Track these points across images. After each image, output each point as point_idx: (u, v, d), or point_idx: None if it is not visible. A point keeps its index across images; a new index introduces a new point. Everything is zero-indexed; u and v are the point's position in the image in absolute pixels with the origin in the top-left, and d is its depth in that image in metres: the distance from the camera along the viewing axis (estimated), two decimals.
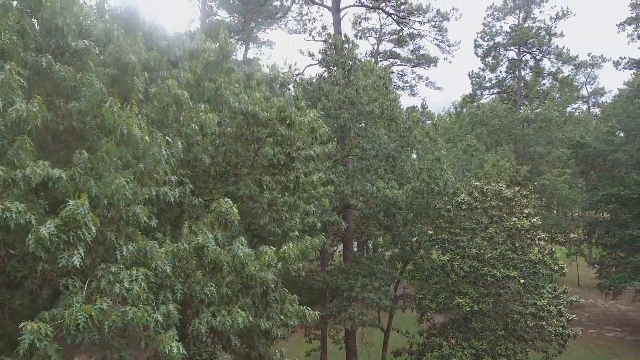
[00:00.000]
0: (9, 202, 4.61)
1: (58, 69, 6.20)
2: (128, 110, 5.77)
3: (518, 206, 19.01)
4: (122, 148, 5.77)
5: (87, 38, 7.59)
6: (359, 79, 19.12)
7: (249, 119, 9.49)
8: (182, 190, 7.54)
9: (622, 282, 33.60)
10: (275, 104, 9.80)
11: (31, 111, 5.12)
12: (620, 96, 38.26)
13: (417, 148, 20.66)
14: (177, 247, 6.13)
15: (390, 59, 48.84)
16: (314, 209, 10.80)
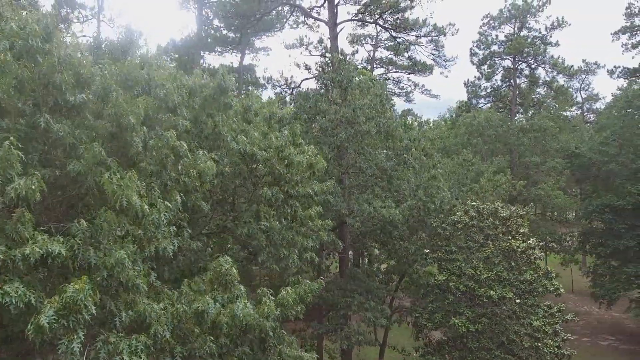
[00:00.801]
0: (9, 286, 4.58)
1: (56, 130, 6.15)
2: (127, 180, 5.73)
3: (514, 225, 19.11)
4: (121, 218, 5.75)
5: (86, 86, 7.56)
6: (356, 98, 19.12)
7: (247, 158, 9.47)
8: (181, 241, 7.51)
9: (616, 292, 33.86)
10: (274, 143, 9.78)
11: (30, 188, 5.09)
12: (614, 106, 38.51)
13: (414, 166, 20.70)
14: (176, 310, 6.11)
15: (386, 65, 48.88)
16: (311, 244, 10.79)
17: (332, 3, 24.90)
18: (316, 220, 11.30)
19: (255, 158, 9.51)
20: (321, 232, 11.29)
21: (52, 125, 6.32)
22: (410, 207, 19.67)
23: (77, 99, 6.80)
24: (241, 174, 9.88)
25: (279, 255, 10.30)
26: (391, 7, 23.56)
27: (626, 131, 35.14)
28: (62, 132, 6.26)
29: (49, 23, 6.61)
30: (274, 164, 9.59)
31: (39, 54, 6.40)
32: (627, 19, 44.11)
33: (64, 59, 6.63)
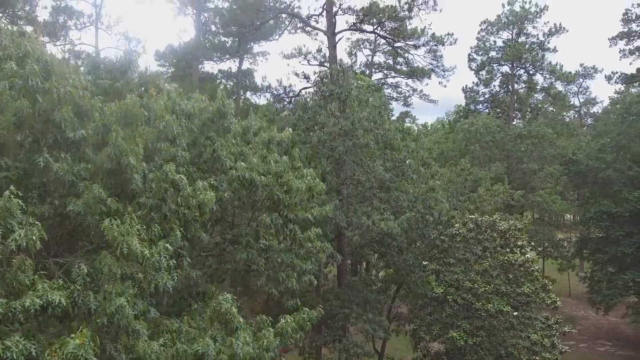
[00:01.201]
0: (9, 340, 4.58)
1: (56, 170, 6.15)
2: (128, 225, 5.75)
3: (512, 238, 19.18)
4: (122, 263, 5.76)
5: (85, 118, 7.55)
6: (354, 111, 19.14)
7: (247, 184, 9.48)
8: (180, 273, 7.52)
9: (613, 298, 33.99)
10: (273, 168, 9.79)
11: (30, 239, 5.09)
12: (612, 111, 38.63)
13: (412, 177, 20.73)
14: (176, 350, 6.13)
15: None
16: (310, 267, 10.81)
17: (331, 13, 24.90)
18: (315, 242, 11.32)
19: (255, 184, 9.52)
20: (320, 254, 11.31)
21: (51, 164, 6.31)
22: (409, 220, 19.69)
23: (77, 135, 6.80)
24: (240, 199, 9.89)
25: (278, 279, 10.31)
26: (390, 17, 23.57)
27: (623, 138, 35.26)
28: (61, 172, 6.25)
29: (48, 60, 6.60)
30: (273, 189, 9.60)
31: (39, 93, 6.39)
32: (625, 25, 44.20)
33: (63, 96, 6.62)
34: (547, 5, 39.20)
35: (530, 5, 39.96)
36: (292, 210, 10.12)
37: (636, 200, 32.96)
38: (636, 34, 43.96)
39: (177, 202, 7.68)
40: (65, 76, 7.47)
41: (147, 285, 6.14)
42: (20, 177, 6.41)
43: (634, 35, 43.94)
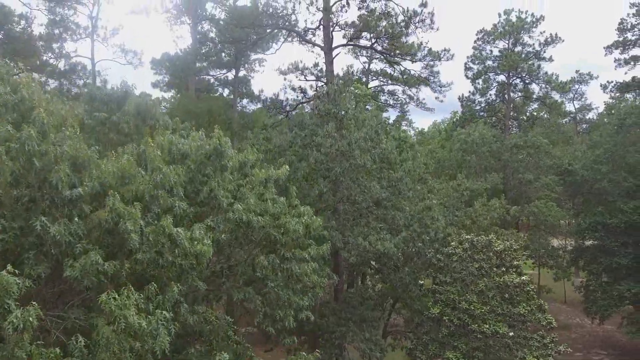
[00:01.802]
0: None
1: (53, 235, 6.15)
2: (125, 297, 5.76)
3: (508, 258, 19.27)
4: (120, 336, 5.77)
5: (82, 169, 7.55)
6: (351, 131, 19.18)
7: (244, 226, 9.50)
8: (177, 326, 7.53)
9: (608, 308, 34.14)
10: (270, 210, 9.81)
11: (27, 320, 5.10)
12: (608, 123, 38.80)
13: (408, 196, 20.79)
14: None
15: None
16: (307, 303, 10.84)
17: (328, 28, 24.92)
18: (312, 276, 11.34)
19: (252, 225, 9.54)
20: (317, 288, 11.33)
21: (48, 227, 6.31)
22: (405, 239, 19.77)
23: (74, 193, 6.79)
24: (237, 239, 9.90)
25: (275, 317, 10.33)
26: (386, 33, 23.61)
27: (618, 149, 35.39)
28: (58, 236, 6.26)
29: (44, 121, 6.60)
30: (270, 231, 9.62)
31: (35, 156, 6.39)
32: (620, 34, 44.42)
33: (60, 155, 6.62)
34: (543, 16, 39.28)
35: (526, 15, 40.13)
36: (289, 249, 10.14)
37: (631, 212, 33.12)
38: (631, 43, 44.19)
39: (175, 254, 7.69)
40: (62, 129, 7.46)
41: (144, 352, 6.15)
42: (17, 237, 6.40)
43: (629, 44, 44.17)
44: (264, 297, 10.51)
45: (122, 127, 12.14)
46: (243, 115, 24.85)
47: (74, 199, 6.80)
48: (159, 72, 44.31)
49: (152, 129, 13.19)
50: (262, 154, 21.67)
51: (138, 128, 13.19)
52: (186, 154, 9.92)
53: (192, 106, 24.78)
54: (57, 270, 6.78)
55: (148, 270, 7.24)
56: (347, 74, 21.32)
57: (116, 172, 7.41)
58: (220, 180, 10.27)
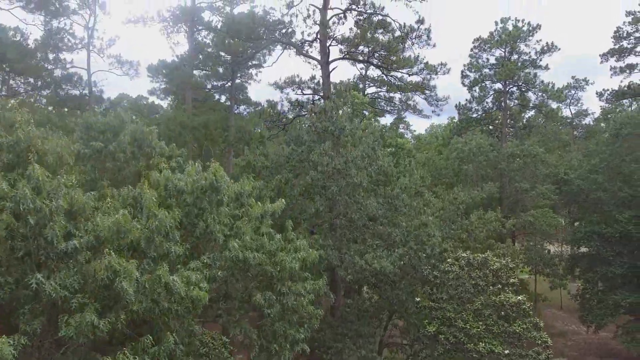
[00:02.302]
0: None
1: (49, 292, 6.16)
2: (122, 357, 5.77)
3: (504, 276, 19.35)
4: None
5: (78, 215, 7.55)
6: (348, 151, 19.19)
7: (240, 264, 9.52)
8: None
9: (604, 317, 34.28)
10: (267, 246, 9.83)
11: None
12: (604, 129, 38.94)
13: (405, 212, 20.83)
14: None
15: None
16: (303, 336, 10.87)
17: (324, 43, 24.94)
18: (308, 307, 11.37)
19: (248, 262, 9.55)
20: (313, 319, 11.36)
21: (43, 284, 6.32)
22: (402, 256, 19.81)
23: (69, 246, 6.80)
24: (234, 275, 9.92)
25: (271, 350, 10.36)
26: (382, 48, 23.64)
27: (614, 159, 35.52)
28: (54, 294, 6.26)
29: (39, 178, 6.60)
30: (267, 267, 9.64)
31: (30, 214, 6.39)
32: (616, 42, 44.60)
33: (55, 210, 6.61)
34: (539, 24, 39.37)
35: (523, 24, 40.24)
36: (285, 283, 10.16)
37: (626, 221, 33.26)
38: (627, 51, 44.38)
39: (171, 300, 7.70)
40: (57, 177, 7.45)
41: None
42: (12, 291, 6.39)
43: (625, 52, 44.36)
44: (259, 330, 10.53)
45: (118, 156, 12.13)
46: (240, 128, 24.85)
47: (69, 252, 6.80)
48: (156, 79, 44.23)
49: (148, 157, 13.20)
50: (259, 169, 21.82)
51: (134, 154, 13.19)
52: (182, 190, 9.92)
53: (188, 120, 24.80)
54: (52, 323, 6.78)
55: (144, 318, 7.24)
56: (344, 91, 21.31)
57: (111, 226, 7.43)
58: (217, 215, 10.27)
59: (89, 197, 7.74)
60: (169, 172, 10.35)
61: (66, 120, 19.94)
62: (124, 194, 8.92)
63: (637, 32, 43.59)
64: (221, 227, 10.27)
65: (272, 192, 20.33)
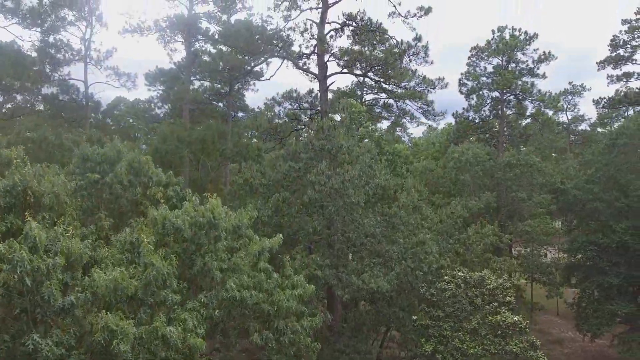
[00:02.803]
0: None
1: (46, 353, 6.15)
2: None
3: (500, 295, 19.42)
4: None
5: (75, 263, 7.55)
6: (346, 171, 19.21)
7: (237, 303, 9.53)
8: None
9: (600, 327, 34.43)
10: (264, 285, 9.85)
11: None
12: (600, 140, 39.08)
13: (402, 230, 20.89)
14: None
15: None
16: None
17: (322, 57, 24.94)
18: (305, 339, 11.40)
19: (245, 303, 9.57)
20: (311, 353, 11.39)
21: (40, 345, 6.31)
22: (399, 275, 19.87)
23: (66, 302, 6.80)
24: (230, 314, 9.92)
25: None
26: (380, 63, 23.67)
27: (610, 169, 35.64)
28: (51, 356, 6.26)
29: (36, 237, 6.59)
30: (263, 306, 9.65)
31: (28, 276, 6.39)
32: (613, 50, 44.77)
33: (52, 267, 6.61)
34: (536, 33, 39.45)
35: (520, 33, 40.33)
36: (283, 321, 10.18)
37: (622, 232, 33.41)
38: (623, 59, 44.55)
39: (167, 350, 7.71)
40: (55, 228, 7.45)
41: None
42: (9, 349, 6.39)
43: (621, 60, 44.53)
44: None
45: (115, 187, 12.12)
46: (237, 143, 24.83)
47: (66, 308, 6.80)
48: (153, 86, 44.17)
49: (145, 186, 13.19)
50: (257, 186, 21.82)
51: (131, 182, 13.18)
52: (179, 228, 9.93)
53: (185, 135, 24.81)
54: None
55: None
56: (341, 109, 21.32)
57: (109, 284, 7.43)
58: (214, 251, 10.29)
59: (85, 246, 7.75)
60: (166, 209, 10.35)
61: (62, 138, 19.92)
62: (122, 239, 8.93)
63: (633, 40, 43.78)
64: (219, 262, 10.29)
65: (270, 210, 20.37)
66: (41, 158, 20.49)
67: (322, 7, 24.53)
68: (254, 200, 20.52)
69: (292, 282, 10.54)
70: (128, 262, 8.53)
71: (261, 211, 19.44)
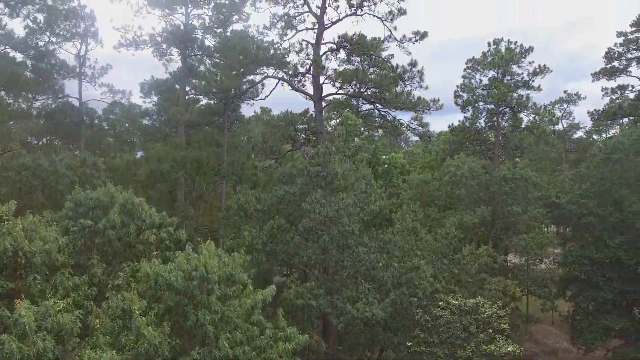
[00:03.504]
0: None
1: None
2: None
3: (495, 323, 19.48)
4: None
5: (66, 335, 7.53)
6: (341, 199, 19.22)
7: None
8: None
9: (595, 342, 34.59)
10: (257, 341, 9.86)
11: None
12: (594, 155, 39.20)
13: (397, 255, 20.92)
14: None
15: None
16: None
17: (317, 79, 24.95)
18: None
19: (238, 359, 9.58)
20: None
21: None
22: (394, 301, 19.91)
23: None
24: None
25: None
26: (375, 86, 23.70)
27: (605, 183, 35.76)
28: None
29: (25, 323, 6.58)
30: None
31: None
32: (608, 62, 44.98)
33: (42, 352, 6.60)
34: (531, 47, 39.55)
35: (515, 46, 40.43)
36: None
37: (617, 247, 33.55)
38: (618, 71, 44.76)
39: None
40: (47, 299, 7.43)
41: None
42: None
43: (616, 72, 44.75)
44: None
45: (107, 233, 12.09)
46: (232, 163, 24.83)
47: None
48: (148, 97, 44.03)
49: (139, 229, 13.17)
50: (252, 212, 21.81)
51: (124, 223, 13.15)
52: (172, 285, 9.93)
53: (180, 157, 24.78)
54: None
55: None
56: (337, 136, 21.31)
57: None
58: (207, 304, 10.29)
59: (76, 317, 7.73)
60: (159, 265, 10.34)
61: (56, 165, 19.84)
62: (113, 305, 8.92)
63: (628, 52, 43.99)
64: (212, 316, 10.29)
65: (265, 237, 20.38)
66: (35, 185, 20.53)
67: (318, 29, 24.56)
68: (249, 226, 20.51)
69: (286, 335, 10.55)
70: (119, 329, 8.54)
71: (255, 239, 19.47)
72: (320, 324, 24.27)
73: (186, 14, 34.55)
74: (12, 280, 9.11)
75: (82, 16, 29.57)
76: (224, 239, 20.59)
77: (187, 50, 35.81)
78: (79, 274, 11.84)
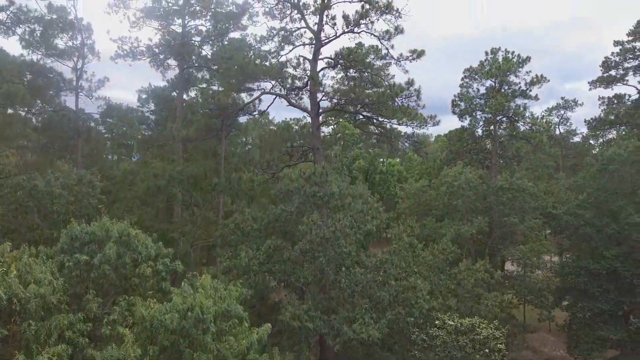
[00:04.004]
0: None
1: None
2: None
3: (490, 343, 19.54)
4: None
5: None
6: (337, 220, 19.25)
7: None
8: None
9: (591, 352, 34.71)
10: None
11: None
12: (590, 165, 39.27)
13: (393, 275, 20.95)
14: None
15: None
16: None
17: (315, 95, 24.96)
18: None
19: None
20: None
21: None
22: (390, 322, 19.96)
23: None
24: None
25: None
26: (372, 102, 23.71)
27: (601, 194, 35.86)
28: None
29: None
30: None
31: None
32: (605, 70, 45.09)
33: None
34: (529, 57, 39.60)
35: (513, 56, 40.49)
36: None
37: (613, 258, 33.66)
38: (614, 80, 44.87)
39: None
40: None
41: None
42: None
43: (613, 81, 44.86)
44: None
45: (103, 267, 12.10)
46: (229, 178, 24.85)
47: None
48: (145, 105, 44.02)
49: (135, 261, 13.17)
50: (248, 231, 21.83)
51: (120, 255, 13.14)
52: (167, 327, 9.94)
53: (176, 173, 24.80)
54: None
55: None
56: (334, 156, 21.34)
57: None
58: (202, 344, 10.30)
59: None
60: (155, 304, 10.36)
61: (52, 186, 19.81)
62: (107, 356, 8.92)
63: (625, 61, 44.09)
64: (207, 356, 10.31)
65: (262, 257, 20.40)
66: (31, 206, 20.49)
67: (315, 45, 24.56)
68: (245, 245, 20.52)
69: None
70: None
71: (252, 260, 19.49)
72: (317, 342, 24.30)
73: (183, 25, 34.51)
74: (6, 326, 9.13)
75: (79, 28, 29.51)
76: (220, 258, 20.59)
77: (185, 61, 35.79)
78: (75, 306, 11.86)
